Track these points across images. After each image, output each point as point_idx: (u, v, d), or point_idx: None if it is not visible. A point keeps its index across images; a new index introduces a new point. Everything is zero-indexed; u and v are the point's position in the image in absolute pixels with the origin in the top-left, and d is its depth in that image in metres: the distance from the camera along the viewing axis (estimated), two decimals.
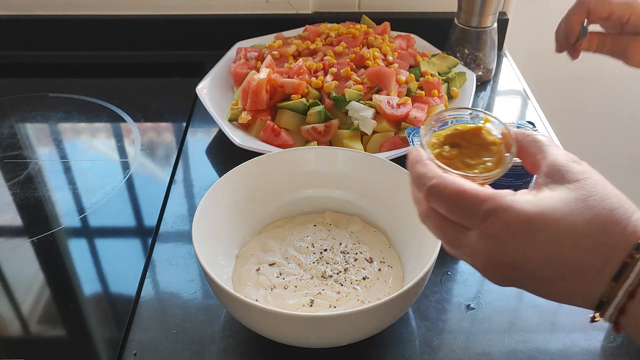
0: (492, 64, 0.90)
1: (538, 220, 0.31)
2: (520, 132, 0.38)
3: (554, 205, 0.32)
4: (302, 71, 0.76)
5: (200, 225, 0.50)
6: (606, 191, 0.32)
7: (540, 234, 0.31)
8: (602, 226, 0.31)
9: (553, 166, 0.34)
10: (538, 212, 0.31)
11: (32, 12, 0.97)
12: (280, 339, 0.47)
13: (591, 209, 0.31)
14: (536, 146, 0.36)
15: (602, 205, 0.31)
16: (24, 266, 0.59)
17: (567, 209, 0.31)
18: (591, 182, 0.33)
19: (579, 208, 0.31)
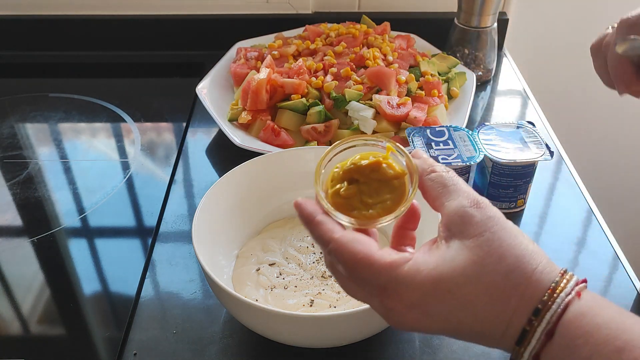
0: (492, 64, 0.90)
1: (434, 295, 0.30)
2: (424, 168, 0.35)
3: (450, 273, 0.30)
4: (302, 71, 0.76)
5: (200, 225, 0.50)
6: (503, 249, 0.30)
7: (437, 307, 0.30)
8: (499, 293, 0.30)
9: (452, 216, 0.32)
10: (434, 283, 0.30)
11: (32, 12, 0.97)
12: (280, 339, 0.47)
13: (487, 274, 0.30)
14: (437, 189, 0.34)
15: (499, 268, 0.30)
16: (24, 266, 0.59)
17: (463, 278, 0.30)
18: (488, 238, 0.30)
19: (476, 274, 0.30)
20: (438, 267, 0.31)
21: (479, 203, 0.32)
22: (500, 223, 0.31)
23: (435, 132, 0.65)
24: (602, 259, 0.60)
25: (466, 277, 0.30)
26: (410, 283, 0.31)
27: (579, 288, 0.30)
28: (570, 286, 0.29)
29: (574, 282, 0.30)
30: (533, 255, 0.30)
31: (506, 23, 0.97)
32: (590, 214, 0.66)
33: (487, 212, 0.32)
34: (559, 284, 0.29)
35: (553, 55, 1.10)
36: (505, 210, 0.65)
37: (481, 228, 0.31)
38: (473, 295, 0.30)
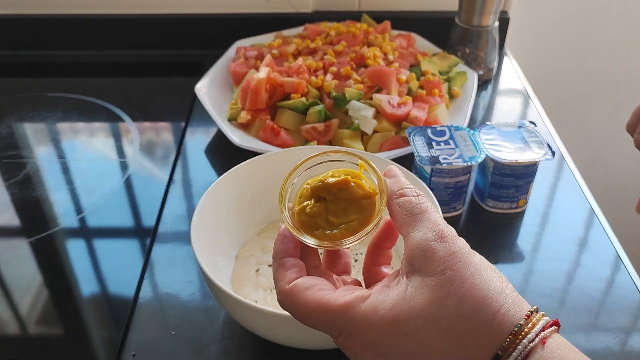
0: (493, 63, 0.90)
1: (391, 336, 0.29)
2: (393, 190, 0.33)
3: (408, 314, 0.29)
4: (302, 70, 0.76)
5: (199, 225, 0.50)
6: (464, 290, 0.28)
7: (394, 349, 0.29)
8: (457, 338, 0.28)
9: (414, 250, 0.30)
10: (390, 324, 0.29)
11: (31, 11, 0.97)
12: (279, 340, 0.47)
13: (446, 317, 0.28)
14: (403, 216, 0.32)
15: (458, 311, 0.28)
16: (22, 266, 0.59)
17: (421, 320, 0.28)
18: (449, 277, 0.29)
19: (434, 317, 0.28)
20: (395, 307, 0.29)
21: (443, 236, 0.30)
22: (464, 259, 0.29)
23: (436, 131, 0.64)
24: (604, 260, 0.59)
25: (424, 319, 0.29)
26: (367, 324, 0.29)
27: (544, 334, 0.28)
28: (535, 331, 0.28)
29: (540, 326, 0.28)
30: (497, 296, 0.29)
31: (507, 22, 0.97)
32: (592, 214, 0.65)
33: (451, 246, 0.30)
34: (523, 328, 0.28)
35: (554, 54, 1.10)
36: (507, 211, 0.65)
37: (443, 265, 0.29)
38: (430, 338, 0.29)
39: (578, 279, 0.57)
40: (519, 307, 0.29)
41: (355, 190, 0.34)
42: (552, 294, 0.55)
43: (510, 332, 0.28)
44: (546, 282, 0.56)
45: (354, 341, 0.30)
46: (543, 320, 0.29)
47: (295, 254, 0.34)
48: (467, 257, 0.30)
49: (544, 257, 0.60)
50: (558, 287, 0.55)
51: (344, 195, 0.34)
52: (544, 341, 0.28)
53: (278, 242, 0.34)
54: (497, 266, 0.58)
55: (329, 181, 0.34)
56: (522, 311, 0.29)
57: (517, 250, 0.60)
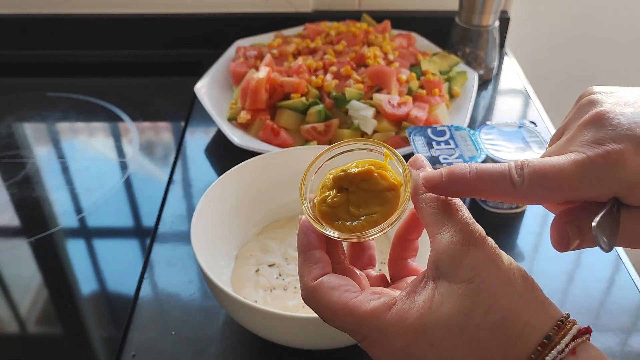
0: (494, 62, 0.90)
1: (416, 346, 0.29)
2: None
3: (434, 325, 0.28)
4: (302, 70, 0.75)
5: (199, 225, 0.50)
6: (492, 301, 0.28)
7: (419, 358, 0.29)
8: (483, 351, 0.28)
9: (441, 254, 0.29)
10: (417, 334, 0.28)
11: (30, 10, 0.97)
12: (279, 341, 0.47)
13: (472, 329, 0.27)
14: (430, 215, 0.30)
15: (485, 323, 0.27)
16: (21, 267, 0.59)
17: (447, 331, 0.28)
18: (477, 286, 0.28)
19: (460, 327, 0.28)
20: (422, 316, 0.28)
21: (471, 240, 0.29)
22: (493, 266, 0.28)
23: (436, 131, 0.64)
24: (604, 260, 0.59)
25: (450, 329, 0.28)
26: (392, 332, 0.29)
27: (574, 344, 0.27)
28: (565, 341, 0.27)
29: (571, 335, 0.27)
30: (525, 306, 0.28)
31: (507, 22, 0.96)
32: None
33: (480, 251, 0.28)
34: (552, 338, 0.27)
35: (555, 54, 1.10)
36: (507, 211, 0.65)
37: (471, 272, 0.28)
38: (456, 349, 0.28)
39: (578, 279, 0.57)
40: (549, 317, 0.28)
41: (379, 181, 0.33)
42: (552, 294, 0.55)
43: (539, 344, 0.27)
44: (546, 282, 0.56)
45: (378, 348, 0.30)
46: (574, 329, 0.28)
47: (321, 246, 0.33)
48: (496, 263, 0.28)
49: (544, 257, 0.59)
50: (558, 288, 0.55)
51: (366, 186, 0.33)
52: (574, 351, 0.27)
53: (301, 235, 0.33)
54: None
55: (352, 171, 0.33)
56: (552, 320, 0.28)
57: (517, 250, 0.60)
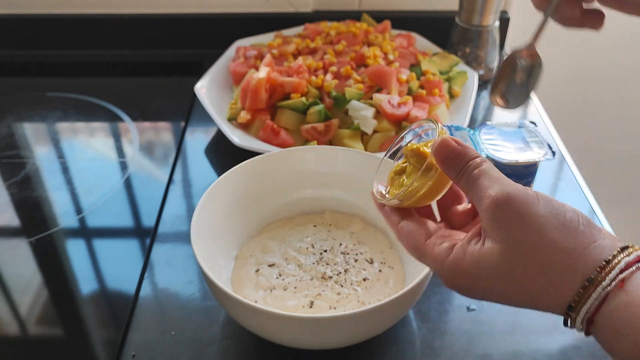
0: (494, 62, 0.90)
1: (471, 291, 0.34)
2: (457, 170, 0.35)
3: (482, 273, 0.33)
4: (302, 70, 0.75)
5: (199, 225, 0.50)
6: (527, 258, 0.31)
7: (479, 293, 0.34)
8: (530, 295, 0.32)
9: (482, 215, 0.33)
10: (470, 284, 0.34)
11: (30, 10, 0.97)
12: (279, 341, 0.47)
13: (516, 279, 0.32)
14: (464, 187, 0.35)
15: (526, 275, 0.31)
16: (21, 267, 0.59)
17: (495, 280, 0.32)
18: (512, 245, 0.31)
19: (506, 278, 0.32)
20: (471, 268, 0.33)
21: (500, 202, 0.32)
22: (524, 224, 0.31)
23: None
24: None
25: (498, 280, 0.32)
26: (452, 276, 0.34)
27: (622, 276, 0.29)
28: (611, 277, 0.29)
29: (618, 269, 0.29)
30: (562, 256, 0.30)
31: (507, 22, 0.96)
32: (592, 214, 0.65)
33: (510, 212, 0.31)
34: (595, 280, 0.29)
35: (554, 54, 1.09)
36: None
37: (504, 233, 0.31)
38: (508, 293, 0.32)
39: None
40: (593, 260, 0.30)
41: (424, 159, 0.38)
42: None
43: (581, 286, 0.30)
44: None
45: (445, 279, 0.35)
46: (623, 262, 0.29)
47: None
48: (529, 220, 0.31)
49: None
50: None
51: (414, 162, 0.39)
52: (621, 285, 0.29)
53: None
54: None
55: (409, 146, 0.39)
56: (596, 263, 0.30)
57: None
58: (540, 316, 0.52)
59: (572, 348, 0.50)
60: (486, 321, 0.52)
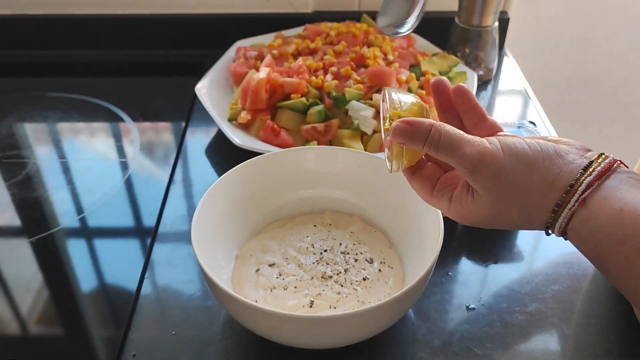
0: (493, 63, 0.90)
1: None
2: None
3: (477, 218, 0.41)
4: (302, 70, 0.76)
5: (199, 225, 0.50)
6: (509, 200, 0.38)
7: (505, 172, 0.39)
8: (514, 224, 0.40)
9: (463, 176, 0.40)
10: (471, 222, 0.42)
11: (31, 11, 0.97)
12: (280, 340, 0.47)
13: (504, 216, 0.40)
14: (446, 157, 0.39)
15: (511, 212, 0.39)
16: (22, 266, 0.59)
17: (487, 219, 0.41)
18: (496, 194, 0.38)
19: (495, 217, 0.40)
20: (469, 215, 0.41)
21: (475, 166, 0.38)
22: (502, 176, 0.37)
23: None
24: None
25: (490, 219, 0.40)
26: (458, 218, 0.43)
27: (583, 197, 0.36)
28: (569, 208, 0.37)
29: (573, 202, 0.36)
30: (533, 197, 0.38)
31: (507, 22, 0.97)
32: None
33: (487, 171, 0.38)
34: (561, 206, 0.37)
35: (554, 54, 1.10)
36: None
37: (490, 183, 0.38)
38: (501, 225, 0.41)
39: (578, 280, 0.57)
40: (559, 188, 0.37)
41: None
42: (551, 294, 0.55)
43: (552, 211, 0.37)
44: (546, 283, 0.56)
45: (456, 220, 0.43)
46: (584, 184, 0.36)
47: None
48: (502, 175, 0.37)
49: (543, 257, 0.60)
50: (557, 288, 0.56)
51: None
52: (582, 204, 0.36)
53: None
54: (497, 266, 0.58)
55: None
56: (563, 189, 0.36)
57: (517, 250, 0.60)
58: (540, 315, 0.52)
59: (572, 348, 0.50)
60: (486, 320, 0.52)
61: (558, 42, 1.08)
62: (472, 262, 0.58)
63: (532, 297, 0.55)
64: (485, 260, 0.59)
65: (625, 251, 0.34)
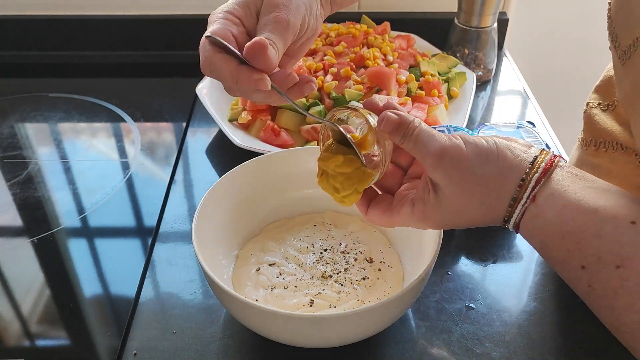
0: (492, 64, 0.90)
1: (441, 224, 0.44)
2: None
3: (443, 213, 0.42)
4: (302, 71, 0.76)
5: (200, 225, 0.50)
6: (468, 191, 0.40)
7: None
8: (474, 218, 0.42)
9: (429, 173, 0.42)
10: (434, 223, 0.43)
11: (32, 12, 0.97)
12: (280, 339, 0.47)
13: (468, 210, 0.41)
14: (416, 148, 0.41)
15: (472, 203, 0.41)
16: (23, 266, 0.59)
17: (453, 211, 0.42)
18: (456, 186, 0.40)
19: (461, 209, 0.41)
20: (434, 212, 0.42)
21: (443, 153, 0.40)
22: (460, 170, 0.40)
23: None
24: None
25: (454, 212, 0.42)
26: (423, 220, 0.43)
27: (533, 193, 0.39)
28: (526, 196, 0.39)
29: (529, 190, 0.39)
30: (491, 186, 0.40)
31: (506, 23, 0.97)
32: None
33: (446, 164, 0.40)
34: (517, 198, 0.39)
35: (553, 55, 1.10)
36: None
37: (448, 179, 0.40)
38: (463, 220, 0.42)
39: None
40: (513, 181, 0.39)
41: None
42: (550, 294, 0.55)
43: (509, 205, 0.40)
44: (544, 283, 0.56)
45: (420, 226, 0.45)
46: (533, 180, 0.39)
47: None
48: (463, 165, 0.39)
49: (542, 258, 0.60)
50: (556, 289, 0.56)
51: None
52: (533, 199, 0.39)
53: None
54: (496, 266, 0.58)
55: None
56: (516, 182, 0.39)
57: (515, 250, 0.60)
58: (539, 315, 0.53)
59: (571, 349, 0.50)
60: (484, 320, 0.52)
61: (557, 43, 1.09)
62: (471, 262, 0.59)
63: (531, 297, 0.55)
64: (484, 260, 0.59)
65: (566, 245, 0.38)
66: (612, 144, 0.50)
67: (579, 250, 0.37)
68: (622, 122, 0.49)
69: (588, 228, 0.37)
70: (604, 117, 0.51)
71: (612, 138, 0.50)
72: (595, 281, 0.37)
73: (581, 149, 0.55)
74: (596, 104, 0.53)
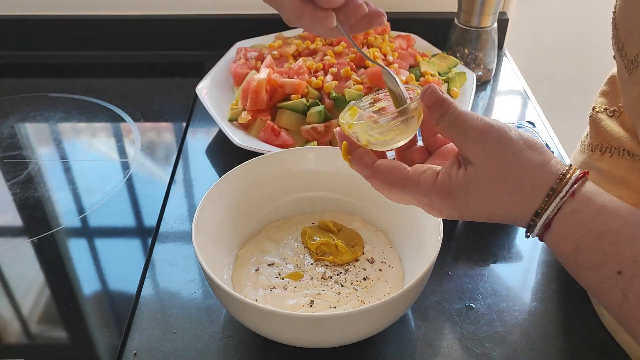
0: (492, 64, 0.90)
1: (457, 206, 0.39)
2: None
3: (469, 191, 0.38)
4: (302, 71, 0.76)
5: (200, 225, 0.50)
6: (505, 173, 0.37)
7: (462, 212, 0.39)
8: (504, 207, 0.38)
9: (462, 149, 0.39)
10: (456, 200, 0.38)
11: (32, 12, 0.97)
12: (280, 339, 0.47)
13: (497, 193, 0.38)
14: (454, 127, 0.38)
15: (505, 189, 0.37)
16: (23, 266, 0.59)
17: (480, 195, 0.38)
18: (494, 166, 0.37)
19: (489, 193, 0.38)
20: (459, 187, 0.38)
21: (489, 128, 0.37)
22: (502, 149, 0.37)
23: None
24: None
25: (481, 195, 0.38)
26: (442, 197, 0.38)
27: (573, 188, 0.36)
28: (566, 190, 0.37)
29: (570, 184, 0.36)
30: (530, 173, 0.37)
31: (506, 23, 0.97)
32: None
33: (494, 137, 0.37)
34: (555, 190, 0.37)
35: (553, 55, 1.10)
36: None
37: (486, 156, 0.37)
38: (487, 208, 0.38)
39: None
40: (553, 173, 0.37)
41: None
42: (551, 294, 0.55)
43: (546, 195, 0.37)
44: (545, 283, 0.56)
45: (440, 207, 0.39)
46: (574, 176, 0.37)
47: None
48: (507, 143, 0.37)
49: (542, 257, 0.60)
50: (556, 289, 0.56)
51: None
52: (572, 194, 0.36)
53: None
54: (496, 266, 0.58)
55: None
56: (556, 175, 0.37)
57: (516, 250, 0.60)
58: (539, 315, 0.53)
59: (572, 349, 0.50)
60: (485, 320, 0.52)
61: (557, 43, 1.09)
62: (472, 262, 0.59)
63: (531, 297, 0.55)
64: (485, 260, 0.59)
65: (603, 246, 0.36)
66: (618, 150, 0.49)
67: (615, 253, 0.35)
68: (628, 129, 0.48)
69: (626, 229, 0.35)
70: (610, 122, 0.50)
71: (618, 144, 0.49)
72: (632, 289, 0.35)
73: (586, 153, 0.54)
74: (602, 109, 0.52)
